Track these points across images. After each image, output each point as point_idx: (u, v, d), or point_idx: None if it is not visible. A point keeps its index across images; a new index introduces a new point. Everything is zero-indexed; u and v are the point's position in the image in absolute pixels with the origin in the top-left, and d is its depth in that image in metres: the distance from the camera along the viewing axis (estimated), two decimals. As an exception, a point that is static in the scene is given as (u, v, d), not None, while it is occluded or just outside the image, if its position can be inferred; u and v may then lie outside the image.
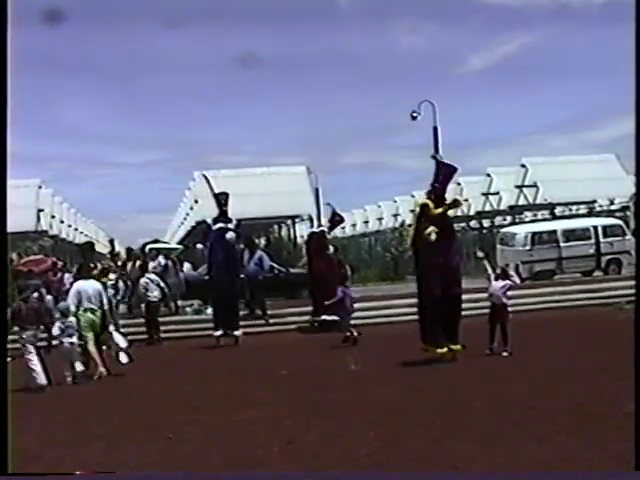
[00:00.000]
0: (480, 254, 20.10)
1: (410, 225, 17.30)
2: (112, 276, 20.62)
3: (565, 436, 8.72)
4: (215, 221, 19.74)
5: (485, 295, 15.71)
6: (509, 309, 15.38)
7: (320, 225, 49.96)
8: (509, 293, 15.41)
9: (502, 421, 9.65)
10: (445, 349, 14.48)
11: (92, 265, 19.44)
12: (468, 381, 12.62)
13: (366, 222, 70.39)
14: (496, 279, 15.43)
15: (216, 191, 20.59)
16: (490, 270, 15.64)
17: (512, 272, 17.03)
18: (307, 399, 11.83)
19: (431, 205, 14.63)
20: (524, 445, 8.50)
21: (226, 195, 19.85)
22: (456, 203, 15.39)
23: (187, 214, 60.42)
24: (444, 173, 15.05)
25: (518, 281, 16.49)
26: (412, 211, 63.08)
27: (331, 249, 21.76)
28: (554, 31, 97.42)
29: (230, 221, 19.66)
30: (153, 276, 21.05)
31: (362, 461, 8.24)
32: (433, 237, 14.22)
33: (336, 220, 22.48)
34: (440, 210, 14.61)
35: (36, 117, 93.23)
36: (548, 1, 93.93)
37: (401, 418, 10.21)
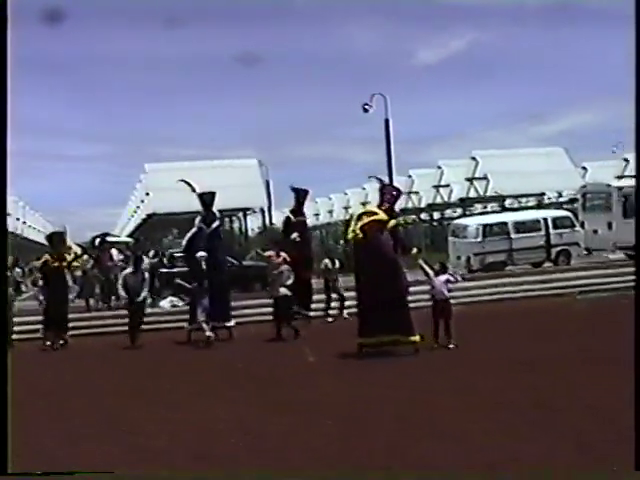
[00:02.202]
0: (414, 250, 20.19)
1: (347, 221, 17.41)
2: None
3: (528, 429, 8.74)
4: (203, 221, 19.58)
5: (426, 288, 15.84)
6: (452, 302, 15.49)
7: (271, 216, 50.28)
8: (450, 286, 15.46)
9: (463, 414, 9.66)
10: (414, 337, 14.49)
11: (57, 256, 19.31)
12: (427, 375, 12.62)
13: (317, 215, 70.39)
14: (436, 274, 15.45)
15: (198, 190, 20.51)
16: (427, 267, 15.57)
17: (452, 271, 16.93)
18: (263, 393, 11.76)
19: (383, 217, 15.02)
20: (487, 438, 8.51)
21: (212, 195, 19.88)
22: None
23: (138, 207, 59.91)
24: (389, 195, 15.66)
25: (459, 279, 16.45)
26: (346, 208, 63.36)
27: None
28: (504, 27, 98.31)
29: (214, 220, 19.67)
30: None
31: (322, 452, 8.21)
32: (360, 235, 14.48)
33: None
34: (389, 224, 15.10)
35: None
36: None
37: (364, 413, 10.17)
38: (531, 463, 7.51)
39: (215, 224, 19.60)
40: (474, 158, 50.66)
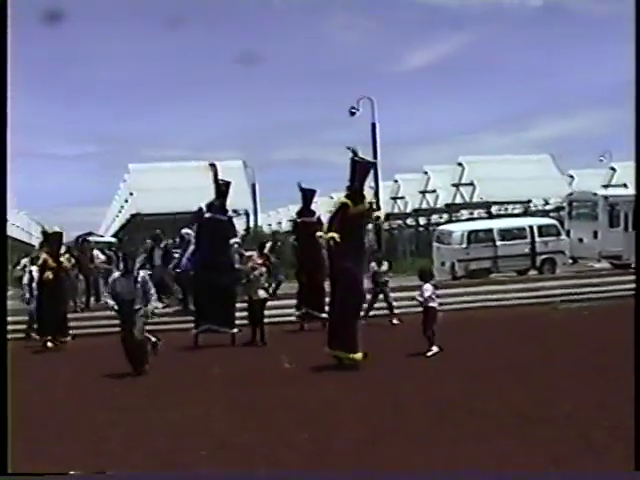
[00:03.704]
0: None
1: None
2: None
3: (503, 437, 8.53)
4: (209, 208, 18.29)
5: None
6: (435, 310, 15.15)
7: (256, 219, 50.03)
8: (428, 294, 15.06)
9: (438, 421, 9.43)
10: (354, 355, 13.75)
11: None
12: (403, 381, 12.36)
13: (290, 221, 70.09)
14: (425, 282, 15.19)
15: (220, 179, 18.85)
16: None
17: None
18: (240, 399, 11.51)
19: (350, 205, 14.08)
20: (461, 445, 8.29)
21: (227, 184, 18.62)
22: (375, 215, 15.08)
23: (122, 207, 59.60)
24: (360, 170, 14.46)
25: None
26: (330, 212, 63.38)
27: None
28: (491, 30, 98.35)
29: (225, 212, 18.52)
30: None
31: (294, 466, 7.97)
32: (332, 243, 13.85)
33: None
34: (360, 209, 14.24)
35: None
36: (485, 1, 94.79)
37: (335, 418, 9.93)
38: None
39: (221, 217, 18.29)
40: (460, 164, 50.54)
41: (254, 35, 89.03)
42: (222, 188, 18.34)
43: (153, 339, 15.04)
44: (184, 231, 19.74)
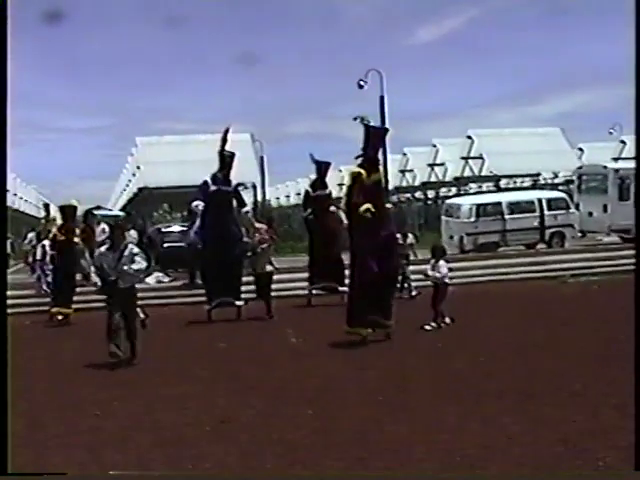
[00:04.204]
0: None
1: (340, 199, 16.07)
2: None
3: (509, 416, 8.42)
4: (214, 180, 17.81)
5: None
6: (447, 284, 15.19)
7: (264, 192, 49.82)
8: (444, 271, 15.11)
9: (443, 400, 9.32)
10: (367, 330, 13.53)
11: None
12: (410, 357, 12.26)
13: (303, 194, 69.91)
14: (437, 259, 15.17)
15: (226, 149, 18.11)
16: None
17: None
18: (245, 374, 11.44)
19: (364, 174, 13.63)
20: (466, 426, 8.19)
21: (232, 155, 18.11)
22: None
23: (129, 181, 59.57)
24: (374, 136, 14.05)
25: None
26: (340, 185, 63.23)
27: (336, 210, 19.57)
28: (501, 5, 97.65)
29: (229, 183, 18.06)
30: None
31: (298, 443, 7.88)
32: (369, 215, 13.42)
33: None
34: (376, 177, 13.89)
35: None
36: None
37: (340, 396, 9.83)
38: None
39: (221, 188, 17.79)
40: (470, 137, 50.31)
41: (265, 9, 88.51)
42: (226, 159, 17.94)
43: (142, 315, 13.21)
44: (194, 204, 19.19)
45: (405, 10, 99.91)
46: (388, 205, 19.17)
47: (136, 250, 12.77)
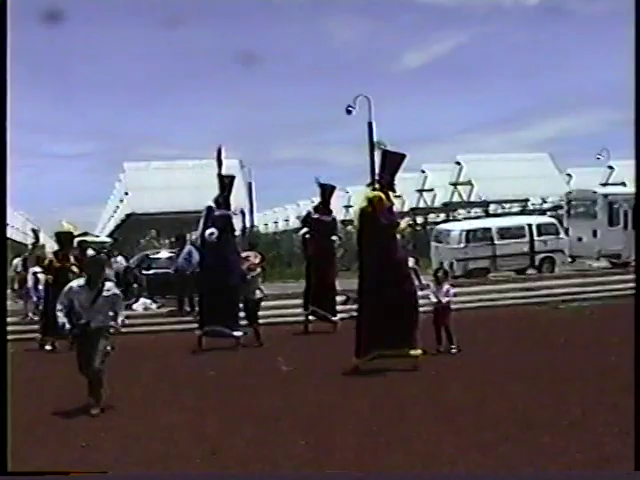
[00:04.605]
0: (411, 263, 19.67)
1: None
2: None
3: (508, 445, 8.18)
4: (217, 205, 17.43)
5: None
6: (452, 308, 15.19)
7: (252, 218, 49.56)
8: (452, 292, 15.23)
9: (442, 429, 9.08)
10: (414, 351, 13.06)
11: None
12: (405, 384, 12.00)
13: (299, 217, 69.75)
14: (439, 281, 15.25)
15: (223, 172, 17.78)
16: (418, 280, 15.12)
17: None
18: (235, 403, 11.17)
19: (384, 198, 13.45)
20: (465, 455, 7.95)
21: (232, 177, 17.91)
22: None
23: (117, 207, 59.28)
24: (390, 161, 13.87)
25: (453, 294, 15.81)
26: (347, 207, 63.07)
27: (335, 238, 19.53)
28: (488, 31, 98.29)
29: (229, 208, 17.66)
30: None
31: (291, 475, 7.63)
32: (407, 232, 13.33)
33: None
34: (390, 203, 13.68)
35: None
36: (482, 1, 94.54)
37: (334, 425, 9.58)
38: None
39: (224, 212, 17.44)
40: (458, 162, 50.35)
41: (253, 33, 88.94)
42: (225, 182, 17.58)
43: (108, 348, 11.20)
44: (208, 232, 18.10)
45: (393, 36, 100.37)
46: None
47: (117, 291, 11.36)
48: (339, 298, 19.58)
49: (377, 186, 13.81)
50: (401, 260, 13.80)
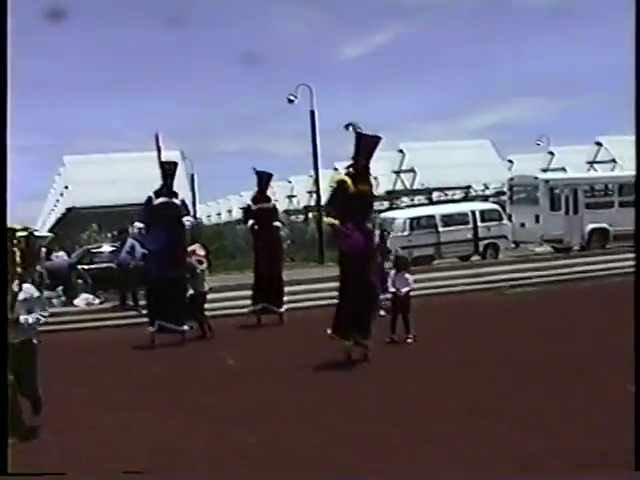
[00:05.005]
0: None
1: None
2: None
3: (463, 437, 8.07)
4: (157, 194, 16.74)
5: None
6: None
7: (195, 211, 49.10)
8: (412, 280, 15.09)
9: (391, 422, 8.96)
10: (351, 342, 12.89)
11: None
12: (353, 378, 11.84)
13: (242, 208, 69.34)
14: (399, 270, 15.06)
15: (163, 159, 17.44)
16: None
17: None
18: (182, 401, 10.92)
19: (349, 182, 13.03)
20: (418, 448, 7.83)
21: (174, 165, 17.22)
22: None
23: (57, 200, 58.34)
24: (365, 144, 13.37)
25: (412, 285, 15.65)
26: (289, 197, 62.87)
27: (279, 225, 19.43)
28: (429, 21, 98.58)
29: (176, 195, 16.93)
30: None
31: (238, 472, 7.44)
32: (331, 228, 12.96)
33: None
34: (362, 188, 13.18)
35: None
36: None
37: (283, 420, 9.40)
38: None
39: (168, 200, 16.73)
40: (401, 150, 50.36)
41: (193, 26, 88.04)
42: (167, 169, 16.98)
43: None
44: (137, 225, 17.90)
45: (335, 25, 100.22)
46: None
47: (36, 294, 9.88)
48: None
49: (351, 170, 13.32)
50: (367, 249, 13.21)
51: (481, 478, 6.91)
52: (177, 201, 16.94)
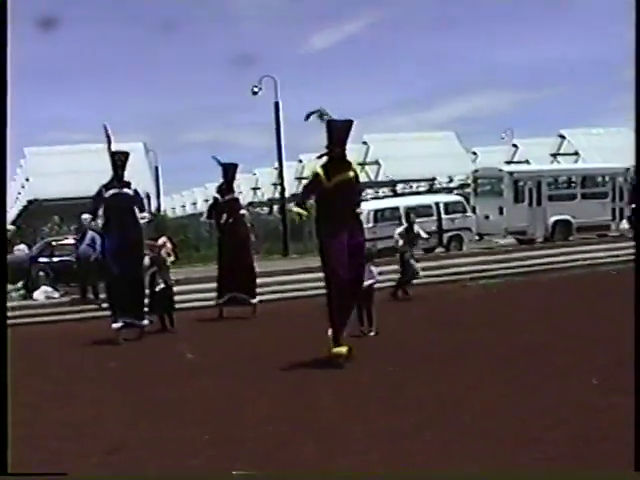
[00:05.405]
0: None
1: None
2: None
3: (427, 431, 7.95)
4: (108, 186, 16.19)
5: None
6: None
7: (159, 203, 48.77)
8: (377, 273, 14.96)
9: (351, 415, 8.81)
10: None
11: None
12: (314, 372, 11.54)
13: (207, 200, 68.94)
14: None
15: (115, 150, 16.60)
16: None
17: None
18: (137, 396, 10.72)
19: (322, 176, 12.45)
20: (377, 442, 7.70)
21: (125, 155, 16.57)
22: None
23: (19, 193, 57.62)
24: (337, 130, 12.66)
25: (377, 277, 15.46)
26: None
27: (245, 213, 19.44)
28: (396, 12, 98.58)
29: (128, 185, 16.36)
30: None
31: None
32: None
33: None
34: (342, 177, 12.56)
35: None
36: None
37: (239, 417, 9.21)
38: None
39: (126, 191, 16.27)
40: (365, 142, 50.24)
41: (160, 18, 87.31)
42: (117, 159, 16.33)
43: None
44: (83, 217, 18.09)
45: (302, 16, 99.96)
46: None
47: None
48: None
49: (326, 159, 12.72)
50: (350, 241, 12.42)
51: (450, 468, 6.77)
52: (129, 191, 16.45)
